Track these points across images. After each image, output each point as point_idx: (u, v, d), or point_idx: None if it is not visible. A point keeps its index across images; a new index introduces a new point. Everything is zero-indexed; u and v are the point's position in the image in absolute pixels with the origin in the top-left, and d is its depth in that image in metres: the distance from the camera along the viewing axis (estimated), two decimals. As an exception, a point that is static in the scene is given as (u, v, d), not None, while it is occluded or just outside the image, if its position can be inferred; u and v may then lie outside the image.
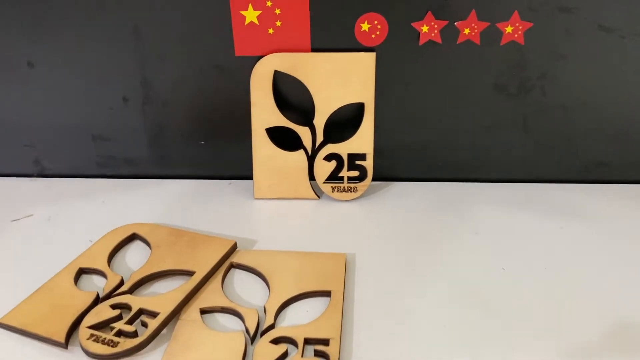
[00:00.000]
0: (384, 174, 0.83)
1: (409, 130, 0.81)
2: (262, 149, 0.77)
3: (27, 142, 0.84)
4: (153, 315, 0.56)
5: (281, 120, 0.76)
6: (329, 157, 0.77)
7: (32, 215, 0.76)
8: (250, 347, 0.54)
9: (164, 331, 0.56)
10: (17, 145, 0.84)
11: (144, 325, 0.55)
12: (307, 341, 0.54)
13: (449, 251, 0.69)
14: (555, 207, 0.77)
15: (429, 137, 0.81)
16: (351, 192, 0.79)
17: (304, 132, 0.76)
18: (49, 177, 0.86)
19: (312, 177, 0.78)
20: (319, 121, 0.76)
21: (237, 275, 0.65)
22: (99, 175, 0.86)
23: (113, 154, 0.84)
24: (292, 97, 0.77)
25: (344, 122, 0.76)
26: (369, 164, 0.78)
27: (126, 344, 0.52)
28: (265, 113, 0.75)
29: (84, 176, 0.86)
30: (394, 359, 0.53)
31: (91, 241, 0.69)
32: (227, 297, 0.60)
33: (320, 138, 0.77)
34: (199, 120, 0.81)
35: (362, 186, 0.79)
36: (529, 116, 0.79)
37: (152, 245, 0.67)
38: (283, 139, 0.77)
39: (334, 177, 0.78)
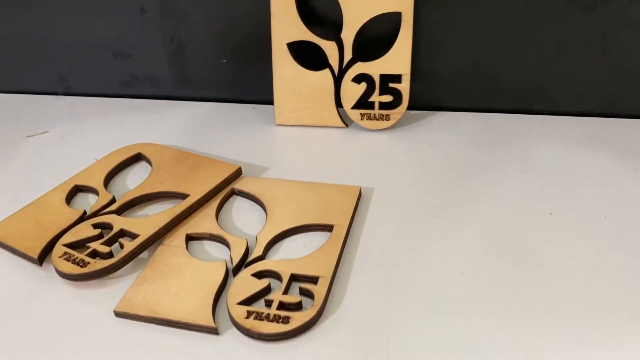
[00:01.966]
0: (424, 102, 0.73)
1: (458, 48, 0.69)
2: (283, 67, 0.69)
3: (51, 58, 0.82)
4: (133, 237, 0.52)
5: (304, 34, 0.67)
6: (358, 79, 0.68)
7: (47, 131, 0.75)
8: (230, 279, 0.49)
9: (145, 254, 0.52)
10: (41, 61, 0.82)
11: (121, 246, 0.51)
12: (294, 277, 0.48)
13: (485, 191, 0.59)
14: (632, 147, 0.64)
15: (482, 58, 0.70)
16: (383, 120, 0.70)
17: (330, 48, 0.68)
18: (74, 95, 0.85)
19: (339, 102, 0.70)
20: (348, 35, 0.67)
21: (238, 203, 0.60)
22: (122, 95, 0.83)
23: (134, 72, 0.80)
24: (317, 6, 0.68)
25: (377, 37, 0.67)
26: (404, 87, 0.68)
27: (96, 264, 0.49)
28: (286, 25, 0.67)
29: (109, 95, 0.83)
30: (393, 311, 0.45)
31: (97, 159, 0.66)
32: (219, 224, 0.55)
33: (348, 55, 0.68)
34: (220, 35, 0.75)
35: (395, 114, 0.69)
36: (609, 34, 0.65)
37: (153, 166, 0.63)
38: (306, 55, 0.69)
39: (363, 102, 0.69)
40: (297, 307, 0.45)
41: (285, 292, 0.46)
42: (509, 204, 0.57)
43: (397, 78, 0.67)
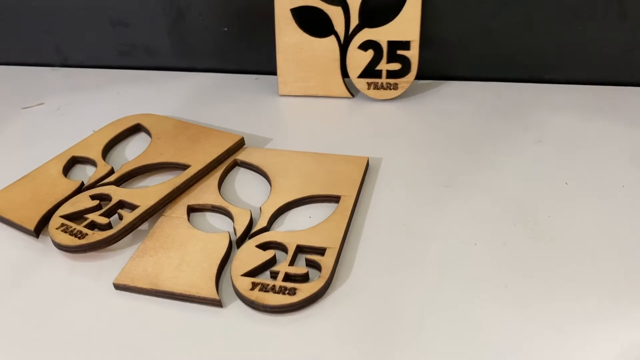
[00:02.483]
0: (434, 71, 0.71)
1: (469, 14, 0.67)
2: (287, 34, 0.67)
3: (47, 28, 0.79)
4: (132, 208, 0.50)
5: (308, -1, 0.65)
6: (364, 46, 0.66)
7: (43, 103, 0.73)
8: (234, 251, 0.47)
9: (145, 226, 0.50)
10: (36, 32, 0.80)
11: (120, 218, 0.49)
12: (300, 249, 0.46)
13: (498, 161, 0.57)
14: (651, 115, 0.62)
15: (495, 25, 0.67)
16: (390, 89, 0.68)
17: (335, 13, 0.65)
18: (71, 67, 0.82)
19: (344, 71, 0.68)
20: None
21: (241, 174, 0.58)
22: (120, 67, 0.81)
23: (133, 41, 0.78)
24: (322, -31, 0.65)
25: (385, 1, 0.64)
26: (413, 54, 0.66)
27: (94, 236, 0.47)
28: (289, -11, 0.65)
29: (106, 67, 0.81)
30: (403, 282, 0.44)
31: (94, 130, 0.64)
32: (221, 196, 0.53)
33: (354, 21, 0.65)
34: (220, 1, 0.72)
35: (404, 83, 0.67)
36: (628, -4, 0.62)
37: (152, 136, 0.61)
38: (311, 22, 0.66)
39: (370, 70, 0.67)
40: (304, 278, 0.44)
41: (291, 263, 0.45)
42: (523, 173, 0.55)
43: (406, 45, 0.65)
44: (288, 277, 0.44)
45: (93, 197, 0.52)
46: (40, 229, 0.50)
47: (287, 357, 0.39)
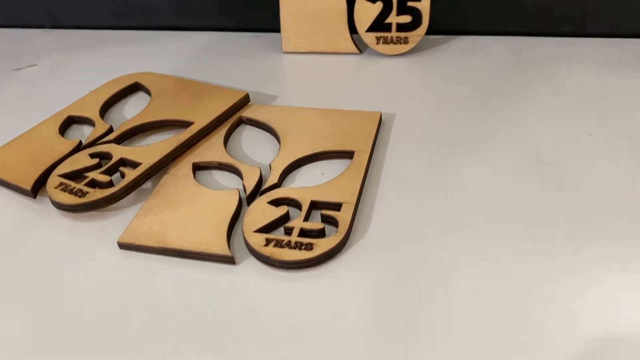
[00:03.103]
0: (444, 25, 0.68)
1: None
2: (291, -14, 0.64)
3: (35, -14, 0.76)
4: (134, 165, 0.48)
5: (314, -53, 0.62)
6: (373, -3, 0.63)
7: (35, 65, 0.70)
8: (245, 208, 0.45)
9: (148, 185, 0.48)
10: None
11: (122, 176, 0.47)
12: (315, 205, 0.44)
13: (517, 114, 0.54)
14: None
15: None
16: (401, 43, 0.65)
17: (342, -36, 0.62)
18: (63, 28, 0.79)
19: (352, 26, 0.65)
20: (362, -52, 0.61)
21: (247, 132, 0.55)
22: (115, 27, 0.77)
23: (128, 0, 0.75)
24: None
25: (394, -51, 0.61)
26: (424, 6, 0.63)
27: (96, 194, 0.44)
28: (293, -62, 0.61)
29: (100, 28, 0.78)
30: (424, 237, 0.42)
31: (90, 91, 0.61)
32: (228, 153, 0.51)
33: (362, -29, 0.62)
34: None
35: (415, 36, 0.64)
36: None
37: (152, 95, 0.58)
38: (316, -27, 0.63)
39: (379, 24, 0.64)
40: (320, 234, 0.42)
41: (306, 219, 0.43)
42: (543, 126, 0.52)
43: (417, -4, 0.62)
44: (303, 233, 0.41)
45: (93, 156, 0.49)
46: (37, 188, 0.47)
47: (306, 314, 0.37)
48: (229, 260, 0.40)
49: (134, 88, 0.61)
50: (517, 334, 0.35)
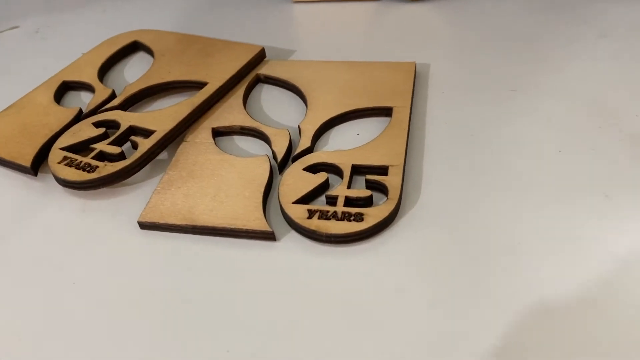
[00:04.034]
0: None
1: None
2: None
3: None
4: (147, 134, 0.42)
5: None
6: None
7: (17, 27, 0.63)
8: (277, 177, 0.40)
9: (164, 156, 0.43)
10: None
11: (134, 146, 0.42)
12: (357, 169, 0.39)
13: (561, 60, 0.50)
14: None
15: None
16: (425, -13, 0.59)
17: None
18: (43, -14, 0.72)
19: (371, -32, 0.59)
20: None
21: (266, 91, 0.50)
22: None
23: (114, -50, 0.67)
24: None
25: None
26: (451, -57, 0.57)
27: (107, 168, 0.39)
28: None
29: (84, -16, 0.70)
30: (483, 197, 0.37)
31: (84, 53, 0.55)
32: (249, 115, 0.45)
33: None
34: None
35: (440, -22, 0.59)
36: None
37: (155, 54, 0.52)
38: None
39: (401, -35, 0.58)
40: (367, 202, 0.37)
41: (349, 186, 0.38)
42: (594, 71, 0.48)
43: None
44: (349, 202, 0.37)
45: (97, 125, 0.44)
46: (37, 165, 0.42)
47: (361, 292, 0.33)
48: (269, 236, 0.36)
49: (133, 48, 0.56)
50: (594, 297, 0.31)
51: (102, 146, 0.41)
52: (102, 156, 0.41)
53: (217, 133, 0.44)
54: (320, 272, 0.34)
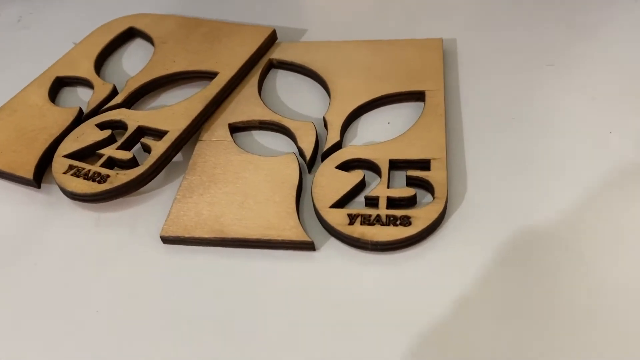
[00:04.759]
0: None
1: None
2: None
3: None
4: (159, 134, 0.39)
5: None
6: None
7: (-4, 15, 0.58)
8: (307, 176, 0.37)
9: (178, 157, 0.40)
10: None
11: (146, 149, 0.38)
12: (395, 164, 0.36)
13: (598, 28, 0.47)
14: None
15: None
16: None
17: None
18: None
19: None
20: None
21: (281, 77, 0.46)
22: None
23: None
24: None
25: None
26: None
27: (120, 177, 0.36)
28: None
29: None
30: (534, 188, 0.35)
31: (75, 43, 0.51)
32: (267, 107, 0.42)
33: None
34: None
35: (458, -58, 0.54)
36: None
37: (155, 41, 0.48)
38: None
39: None
40: (411, 202, 0.34)
41: (388, 184, 0.35)
42: (635, 39, 0.45)
43: None
44: (391, 203, 0.34)
45: (101, 126, 0.40)
46: (40, 175, 0.39)
47: (416, 303, 0.30)
48: (308, 246, 0.33)
49: (129, 35, 0.51)
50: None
51: (110, 151, 0.38)
52: (111, 162, 0.38)
53: (234, 129, 0.41)
54: (368, 283, 0.32)
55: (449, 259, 0.32)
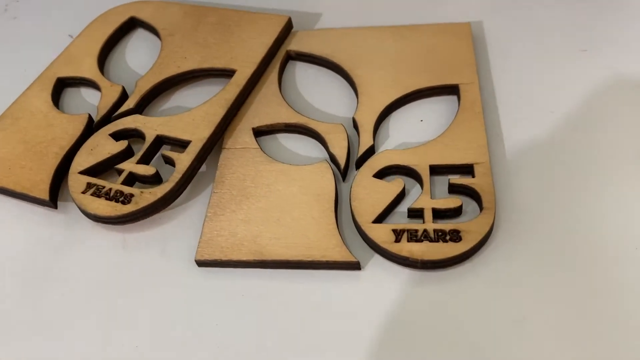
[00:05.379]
0: None
1: None
2: None
3: None
4: (180, 144, 0.37)
5: None
6: None
7: (-21, 4, 0.54)
8: (340, 185, 0.36)
9: (202, 167, 0.38)
10: None
11: (169, 162, 0.36)
12: (435, 170, 0.35)
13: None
14: None
15: None
16: None
17: None
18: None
19: None
20: None
21: (300, 70, 0.44)
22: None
23: None
24: None
25: None
26: None
27: (146, 196, 0.34)
28: None
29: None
30: (582, 190, 0.34)
31: (71, 36, 0.48)
32: (291, 106, 0.40)
33: None
34: None
35: None
36: None
37: (161, 33, 0.45)
38: None
39: None
40: (456, 213, 0.33)
41: (430, 194, 0.34)
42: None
43: None
44: (436, 214, 0.33)
45: (116, 136, 0.38)
46: (55, 194, 0.36)
47: (472, 324, 0.29)
48: (354, 266, 0.32)
49: (130, 25, 0.48)
50: None
51: (131, 166, 0.36)
52: (132, 178, 0.36)
53: (259, 132, 0.39)
54: (419, 303, 0.31)
55: (502, 274, 0.31)
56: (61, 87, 0.44)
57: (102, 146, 0.37)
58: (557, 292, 0.30)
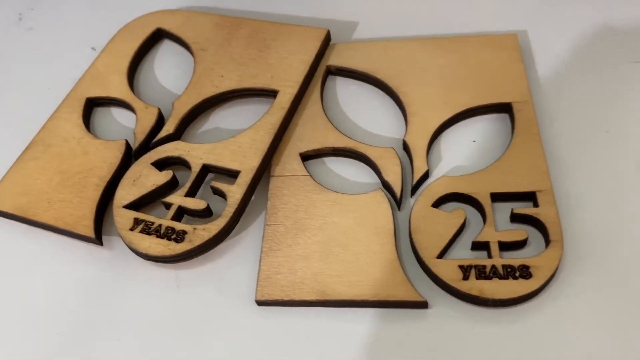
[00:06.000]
0: None
1: None
2: None
3: None
4: (229, 174, 0.36)
5: None
6: None
7: (-9, 13, 0.52)
8: (397, 214, 0.35)
9: (252, 198, 0.37)
10: None
11: (218, 193, 0.35)
12: (495, 197, 0.34)
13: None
14: None
15: None
16: None
17: None
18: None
19: None
20: None
21: (341, 86, 0.43)
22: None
23: None
24: None
25: None
26: None
27: (199, 234, 0.33)
28: None
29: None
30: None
31: (94, 49, 0.46)
32: (337, 128, 0.39)
33: None
34: None
35: None
36: None
37: (192, 48, 0.44)
38: None
39: None
40: (521, 245, 0.32)
41: (494, 226, 0.33)
42: None
43: None
44: (503, 248, 0.32)
45: (159, 165, 0.37)
46: (100, 230, 0.35)
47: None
48: (420, 305, 0.31)
49: (156, 37, 0.46)
50: None
51: (180, 200, 0.35)
52: (181, 212, 0.35)
53: (307, 156, 0.38)
54: (490, 343, 0.30)
55: (576, 311, 0.31)
56: (90, 107, 0.42)
57: (145, 177, 0.36)
58: (629, 329, 0.30)
